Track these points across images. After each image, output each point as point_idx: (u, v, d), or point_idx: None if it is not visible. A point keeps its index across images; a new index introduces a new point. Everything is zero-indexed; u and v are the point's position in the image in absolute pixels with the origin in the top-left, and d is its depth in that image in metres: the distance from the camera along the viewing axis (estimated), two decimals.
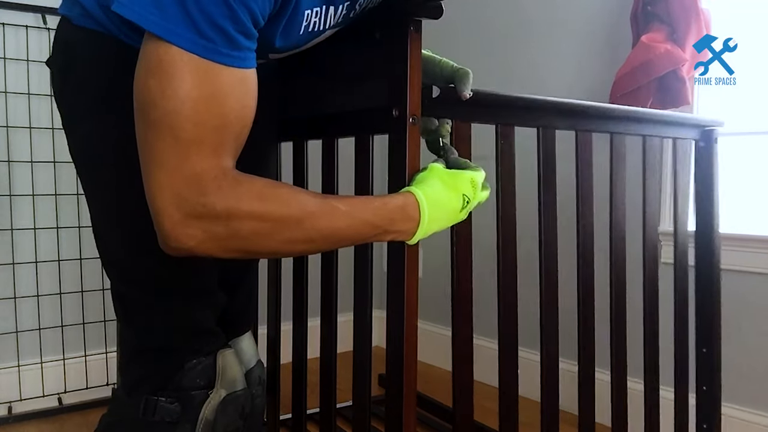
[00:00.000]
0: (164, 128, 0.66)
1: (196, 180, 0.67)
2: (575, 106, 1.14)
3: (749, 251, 1.58)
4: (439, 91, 0.89)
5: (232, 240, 0.70)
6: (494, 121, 1.02)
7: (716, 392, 1.41)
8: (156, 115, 0.66)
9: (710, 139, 1.38)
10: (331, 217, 0.75)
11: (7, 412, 1.79)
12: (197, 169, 0.67)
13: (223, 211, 0.68)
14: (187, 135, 0.66)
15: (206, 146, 0.67)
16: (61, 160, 1.81)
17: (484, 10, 2.22)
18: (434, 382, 2.16)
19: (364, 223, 0.77)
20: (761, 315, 1.57)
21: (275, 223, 0.71)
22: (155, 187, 0.67)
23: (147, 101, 0.66)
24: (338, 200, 0.77)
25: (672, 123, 1.33)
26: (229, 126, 0.69)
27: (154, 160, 0.67)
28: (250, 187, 0.71)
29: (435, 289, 2.31)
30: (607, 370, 1.23)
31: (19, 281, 1.80)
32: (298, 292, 1.19)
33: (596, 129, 1.18)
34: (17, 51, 1.77)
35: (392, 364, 0.86)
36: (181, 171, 0.66)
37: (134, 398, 0.84)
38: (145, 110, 0.67)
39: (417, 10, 0.83)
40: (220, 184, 0.68)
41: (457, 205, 0.85)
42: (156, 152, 0.67)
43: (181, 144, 0.66)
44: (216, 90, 0.67)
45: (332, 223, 0.75)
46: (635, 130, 1.25)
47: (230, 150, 0.71)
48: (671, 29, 1.60)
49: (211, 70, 0.66)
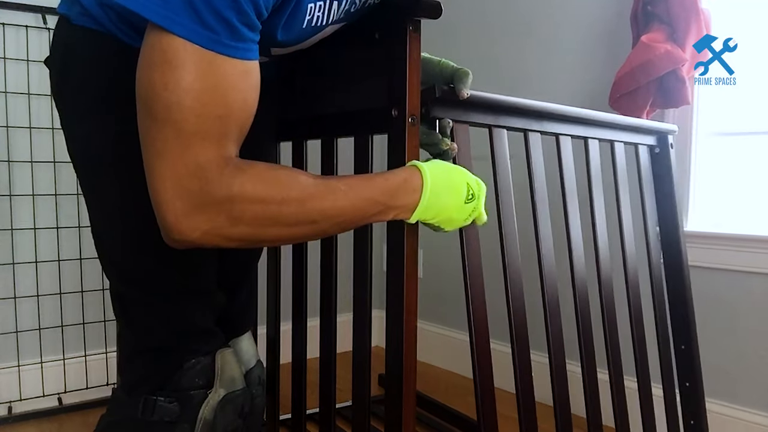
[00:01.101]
0: (167, 120, 0.66)
1: (199, 171, 0.67)
2: (544, 109, 1.13)
3: (749, 251, 1.58)
4: (442, 91, 0.90)
5: (235, 227, 0.69)
6: (486, 123, 1.03)
7: (699, 388, 1.44)
8: (158, 108, 0.66)
9: (665, 145, 1.45)
10: (332, 196, 0.74)
11: (7, 412, 1.79)
12: (200, 159, 0.67)
13: (225, 197, 0.68)
14: (190, 126, 0.66)
15: (209, 137, 0.67)
16: (61, 160, 1.81)
17: (483, 11, 2.21)
18: (434, 382, 2.16)
19: (366, 201, 0.77)
20: (760, 314, 1.57)
21: (278, 206, 0.71)
22: (158, 179, 0.67)
23: (149, 94, 0.66)
24: (339, 180, 0.77)
25: (630, 129, 1.37)
26: (232, 117, 0.69)
27: (157, 153, 0.67)
28: (252, 171, 0.70)
29: (435, 289, 2.31)
30: (582, 367, 1.23)
31: (19, 281, 1.80)
32: (298, 292, 1.19)
33: (561, 132, 1.18)
34: (17, 51, 1.77)
35: (392, 364, 0.86)
36: (185, 162, 0.66)
37: (133, 398, 0.84)
38: (148, 103, 0.67)
39: (416, 9, 0.83)
40: (222, 172, 0.68)
41: (461, 190, 0.84)
42: (158, 144, 0.67)
43: (183, 136, 0.66)
44: (219, 81, 0.67)
45: (334, 203, 0.74)
46: (601, 135, 1.28)
47: (233, 140, 0.70)
48: (671, 29, 1.60)
49: (215, 61, 0.66)
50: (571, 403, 1.14)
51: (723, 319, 1.62)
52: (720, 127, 1.70)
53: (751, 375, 1.59)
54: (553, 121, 1.16)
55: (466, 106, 0.96)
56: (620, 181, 1.32)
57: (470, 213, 0.87)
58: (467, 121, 0.97)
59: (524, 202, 1.12)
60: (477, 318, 0.95)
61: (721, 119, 1.70)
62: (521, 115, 1.09)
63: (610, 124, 1.30)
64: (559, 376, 1.12)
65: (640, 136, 1.40)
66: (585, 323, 1.18)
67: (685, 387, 1.45)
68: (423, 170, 0.81)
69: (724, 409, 1.62)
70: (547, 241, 1.11)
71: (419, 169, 0.81)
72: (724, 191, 1.70)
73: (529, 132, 1.11)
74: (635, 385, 1.32)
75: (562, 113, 1.16)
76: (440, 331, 2.34)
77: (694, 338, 1.44)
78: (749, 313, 1.59)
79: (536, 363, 1.10)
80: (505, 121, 1.05)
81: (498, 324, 1.12)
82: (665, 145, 1.45)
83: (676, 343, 1.44)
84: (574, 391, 1.16)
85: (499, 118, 1.04)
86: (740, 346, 1.60)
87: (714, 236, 1.64)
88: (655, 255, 1.42)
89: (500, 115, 1.05)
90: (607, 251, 1.26)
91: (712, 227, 1.67)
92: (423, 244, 0.85)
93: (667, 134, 1.46)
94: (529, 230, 1.12)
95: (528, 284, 1.07)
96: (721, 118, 1.70)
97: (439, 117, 0.93)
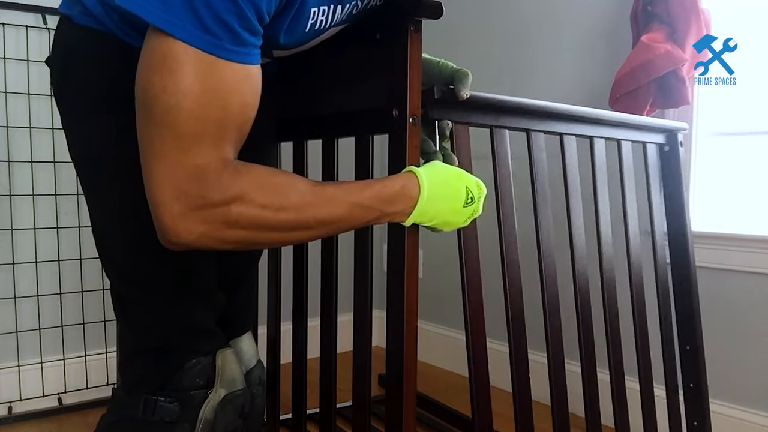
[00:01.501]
0: (165, 123, 0.66)
1: (196, 173, 0.67)
2: (547, 109, 1.13)
3: (749, 251, 1.58)
4: (441, 92, 0.90)
5: (230, 230, 0.69)
6: (488, 124, 1.02)
7: (703, 389, 1.43)
8: (157, 110, 0.66)
9: (675, 143, 1.43)
10: (330, 204, 0.75)
11: (7, 412, 1.79)
12: (198, 162, 0.67)
13: (223, 200, 0.68)
14: (189, 129, 0.66)
15: (207, 140, 0.67)
16: (61, 160, 1.81)
17: (483, 11, 2.21)
18: (434, 382, 2.16)
19: (362, 208, 0.77)
20: (759, 314, 1.57)
21: (275, 212, 0.71)
22: (156, 181, 0.67)
23: (149, 96, 0.66)
24: (337, 187, 0.77)
25: (639, 127, 1.36)
26: (230, 120, 0.69)
27: (155, 155, 0.67)
28: (250, 175, 0.70)
29: (435, 289, 2.31)
30: (578, 364, 1.23)
31: (19, 281, 1.80)
32: (298, 292, 1.19)
33: (566, 132, 1.18)
34: (17, 51, 1.77)
35: (392, 364, 0.86)
36: (182, 165, 0.66)
37: (134, 398, 0.84)
38: (147, 105, 0.67)
39: (417, 10, 0.83)
40: (220, 175, 0.68)
41: (459, 194, 0.84)
42: (157, 147, 0.67)
43: (182, 138, 0.66)
44: (219, 85, 0.67)
45: (331, 211, 0.75)
46: (607, 134, 1.27)
47: (232, 142, 0.70)
48: (671, 29, 1.60)
49: (215, 65, 0.66)
50: (571, 403, 1.14)
51: (723, 318, 1.62)
52: (720, 127, 1.70)
53: (751, 375, 1.59)
54: (557, 120, 1.15)
55: (467, 106, 0.96)
56: (626, 179, 1.31)
57: (469, 215, 0.87)
58: (468, 122, 0.97)
59: (526, 199, 1.12)
60: (473, 311, 0.95)
61: (721, 119, 1.70)
62: (523, 115, 1.09)
63: (618, 122, 1.29)
64: (557, 375, 1.12)
65: (648, 134, 1.39)
66: (586, 322, 1.18)
67: (690, 388, 1.43)
68: (420, 177, 0.81)
69: (725, 409, 1.62)
70: (548, 240, 1.11)
71: (416, 176, 0.81)
72: (723, 191, 1.70)
73: (531, 132, 1.10)
74: (635, 386, 1.32)
75: (567, 112, 1.15)
76: (440, 331, 2.34)
77: (699, 339, 1.43)
78: (749, 313, 1.58)
79: (536, 363, 1.10)
80: (506, 121, 1.05)
81: (496, 323, 1.12)
82: (675, 143, 1.43)
83: (681, 343, 1.43)
84: (574, 390, 1.16)
85: (501, 119, 1.04)
86: (740, 346, 1.60)
87: (714, 236, 1.64)
88: (662, 255, 1.41)
89: (502, 116, 1.04)
90: (611, 250, 1.25)
91: (712, 227, 1.67)
92: (423, 244, 0.85)
93: (677, 132, 1.44)
94: (530, 229, 1.12)
95: (528, 283, 1.07)
96: (721, 118, 1.70)
97: (439, 118, 0.93)
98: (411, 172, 0.82)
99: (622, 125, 1.31)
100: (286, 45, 0.81)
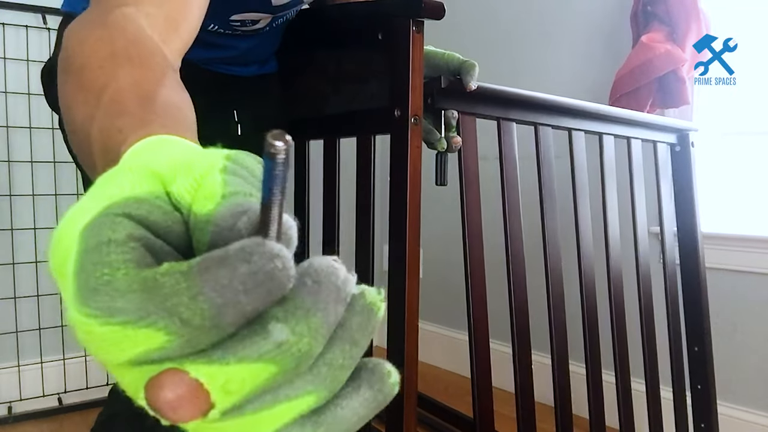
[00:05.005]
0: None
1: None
2: (556, 103, 1.12)
3: (749, 251, 1.58)
4: (448, 82, 0.89)
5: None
6: (495, 116, 1.02)
7: (711, 390, 1.42)
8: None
9: (686, 143, 1.42)
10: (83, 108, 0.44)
11: (7, 412, 1.79)
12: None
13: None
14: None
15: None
16: (61, 160, 1.81)
17: (484, 11, 2.22)
18: (434, 382, 2.16)
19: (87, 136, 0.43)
20: (760, 314, 1.57)
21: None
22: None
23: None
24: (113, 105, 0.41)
25: (651, 126, 1.35)
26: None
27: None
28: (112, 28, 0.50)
29: (435, 289, 2.31)
30: (583, 366, 1.23)
31: (19, 281, 1.80)
32: None
33: (574, 127, 1.17)
34: (17, 51, 1.77)
35: (392, 364, 0.86)
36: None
37: None
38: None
39: (419, 10, 0.83)
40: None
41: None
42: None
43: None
44: None
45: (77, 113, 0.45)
46: (616, 131, 1.25)
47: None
48: (671, 29, 1.60)
49: None
50: (575, 404, 1.14)
51: (723, 318, 1.62)
52: (720, 127, 1.70)
53: (758, 377, 1.59)
54: (566, 115, 1.14)
55: (475, 97, 0.95)
56: (636, 178, 1.30)
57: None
58: (474, 112, 0.97)
59: (532, 198, 1.12)
60: (476, 311, 0.95)
61: (721, 119, 1.70)
62: (531, 108, 1.07)
63: (628, 120, 1.27)
64: (561, 375, 1.11)
65: (659, 134, 1.37)
66: (592, 322, 1.17)
67: (697, 390, 1.42)
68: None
69: (724, 409, 1.62)
70: (554, 239, 1.10)
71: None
72: (723, 191, 1.70)
73: (539, 126, 1.09)
74: (640, 387, 1.31)
75: (576, 107, 1.14)
76: (440, 331, 2.34)
77: (708, 340, 1.41)
78: (749, 313, 1.59)
79: (540, 364, 1.10)
80: (514, 114, 1.04)
81: (500, 323, 1.12)
82: (686, 143, 1.42)
83: (689, 344, 1.42)
84: (578, 391, 1.16)
85: (509, 111, 1.03)
86: (741, 346, 1.60)
87: (714, 236, 1.64)
88: (671, 255, 1.39)
89: (510, 108, 1.03)
90: (619, 249, 1.24)
91: (712, 227, 1.67)
92: (424, 243, 0.85)
93: (688, 132, 1.43)
94: (536, 227, 1.11)
95: (533, 282, 1.07)
96: (721, 118, 1.70)
97: (444, 108, 0.93)
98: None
99: (632, 123, 1.29)
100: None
